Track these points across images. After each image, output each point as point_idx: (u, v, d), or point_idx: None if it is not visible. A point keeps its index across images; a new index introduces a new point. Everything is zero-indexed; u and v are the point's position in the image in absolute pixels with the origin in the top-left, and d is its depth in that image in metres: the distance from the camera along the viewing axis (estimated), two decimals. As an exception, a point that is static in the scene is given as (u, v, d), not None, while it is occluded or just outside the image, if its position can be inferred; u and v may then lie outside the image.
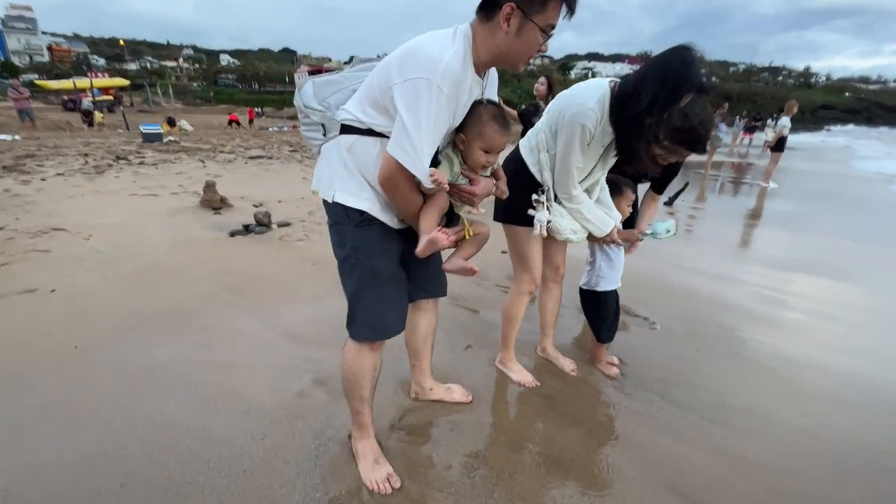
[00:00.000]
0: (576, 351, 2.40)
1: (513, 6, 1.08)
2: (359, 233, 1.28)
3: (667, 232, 1.90)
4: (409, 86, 1.07)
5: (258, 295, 2.82)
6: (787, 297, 3.29)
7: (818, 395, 2.12)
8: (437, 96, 1.07)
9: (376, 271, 1.31)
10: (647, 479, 1.57)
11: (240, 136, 13.47)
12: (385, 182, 1.19)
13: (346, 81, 1.32)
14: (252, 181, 6.38)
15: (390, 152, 1.13)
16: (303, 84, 1.33)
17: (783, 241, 5.01)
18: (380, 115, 1.18)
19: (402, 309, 1.42)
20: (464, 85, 1.15)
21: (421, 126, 1.08)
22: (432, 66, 1.06)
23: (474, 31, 1.15)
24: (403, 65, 1.10)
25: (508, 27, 1.10)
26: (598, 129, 1.57)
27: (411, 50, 1.12)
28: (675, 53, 1.42)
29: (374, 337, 1.38)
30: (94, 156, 7.54)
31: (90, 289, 2.79)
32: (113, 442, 1.60)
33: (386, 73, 1.13)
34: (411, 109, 1.08)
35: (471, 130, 1.27)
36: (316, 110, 1.30)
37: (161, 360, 2.09)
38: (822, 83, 74.69)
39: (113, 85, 30.13)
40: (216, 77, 60.55)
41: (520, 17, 1.09)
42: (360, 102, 1.21)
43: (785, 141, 9.07)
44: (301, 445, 1.63)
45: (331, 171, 1.28)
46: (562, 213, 1.79)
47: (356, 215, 1.26)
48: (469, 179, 1.33)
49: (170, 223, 4.22)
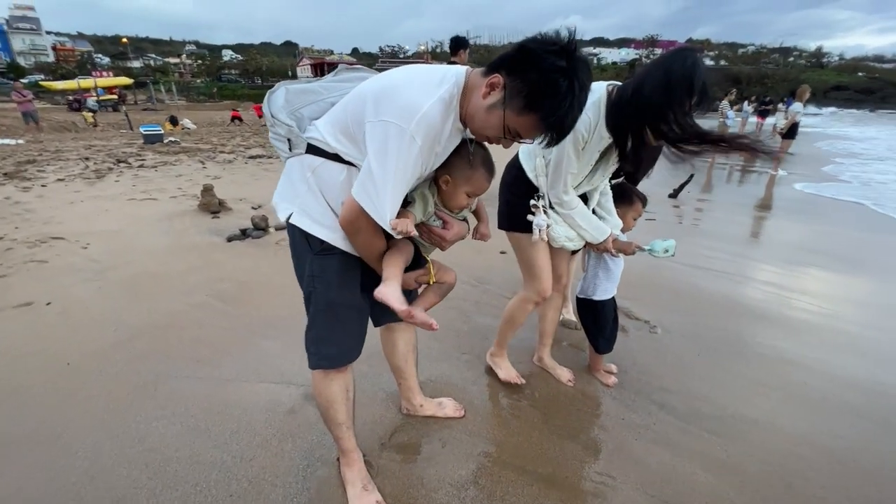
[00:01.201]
0: (573, 357, 2.34)
1: (502, 83, 1.00)
2: (318, 261, 1.23)
3: (665, 252, 1.85)
4: (380, 128, 1.00)
5: (252, 304, 2.80)
6: (795, 295, 3.20)
7: (825, 403, 2.06)
8: (409, 146, 1.00)
9: (332, 302, 1.26)
10: (645, 497, 1.53)
11: (241, 134, 13.44)
12: (347, 225, 1.13)
13: (324, 93, 1.24)
14: (252, 182, 6.36)
15: (355, 196, 1.06)
16: (275, 89, 1.24)
17: (793, 233, 4.89)
18: (350, 144, 1.11)
19: (358, 336, 1.35)
20: (441, 135, 1.07)
21: (388, 174, 1.01)
22: (408, 114, 0.99)
23: (469, 81, 1.07)
24: (380, 103, 1.02)
25: (487, 96, 1.03)
26: (593, 135, 1.51)
27: (390, 90, 1.04)
28: (678, 56, 1.34)
29: (328, 365, 1.34)
30: (95, 159, 7.57)
31: (85, 301, 2.78)
32: (100, 466, 1.59)
33: (361, 105, 1.06)
34: (380, 155, 1.01)
35: (459, 173, 1.21)
36: (283, 123, 1.19)
37: (152, 376, 2.08)
38: (835, 63, 72.79)
39: (117, 84, 30.28)
40: (219, 73, 60.54)
41: (499, 98, 1.02)
42: (331, 125, 1.14)
43: (797, 127, 8.85)
44: (289, 467, 1.61)
45: (292, 190, 1.21)
46: (557, 220, 1.75)
47: (317, 243, 1.20)
48: (443, 221, 1.28)
49: (167, 228, 4.21)
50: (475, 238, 1.43)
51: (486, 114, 1.04)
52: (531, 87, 0.98)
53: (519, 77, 0.99)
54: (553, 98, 0.97)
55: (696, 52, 1.36)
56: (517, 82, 0.99)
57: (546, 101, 0.98)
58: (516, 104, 1.00)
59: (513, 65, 1.00)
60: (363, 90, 1.09)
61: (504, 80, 1.00)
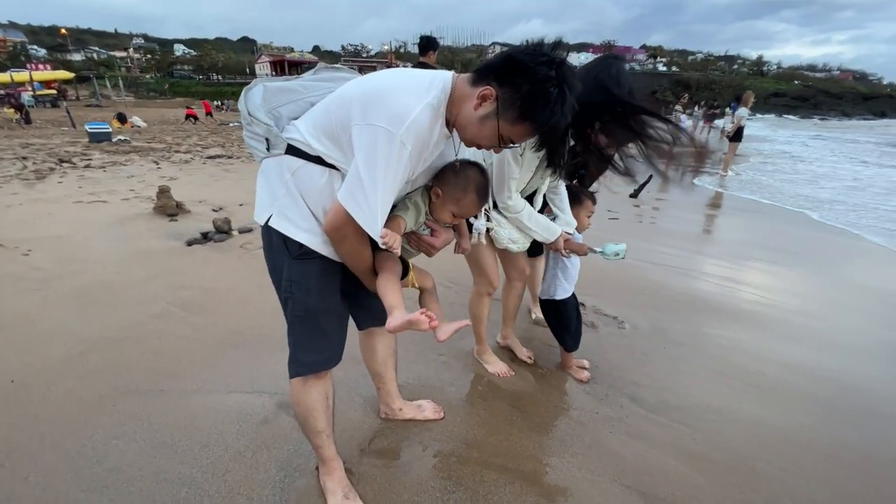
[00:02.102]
0: (547, 354, 2.39)
1: (494, 94, 1.02)
2: (296, 266, 1.19)
3: (615, 255, 1.94)
4: (369, 132, 0.99)
5: (217, 311, 2.68)
6: (748, 289, 3.41)
7: (782, 390, 2.19)
8: (399, 151, 0.99)
9: (310, 308, 1.23)
10: (621, 488, 1.58)
11: (197, 133, 12.85)
12: (333, 232, 1.10)
13: (304, 92, 1.20)
14: (211, 183, 6.09)
15: (342, 202, 1.03)
16: (252, 86, 1.19)
17: (742, 230, 5.20)
18: (334, 147, 1.08)
19: (339, 342, 1.33)
20: (430, 141, 1.07)
21: (377, 180, 0.99)
22: (398, 119, 0.98)
23: (455, 88, 1.07)
24: (367, 107, 1.00)
25: (479, 107, 1.04)
26: (529, 141, 1.54)
27: (379, 94, 1.02)
28: (604, 63, 1.45)
29: (306, 372, 1.30)
30: (35, 159, 7.02)
31: (28, 313, 2.57)
32: (55, 491, 1.47)
33: (346, 109, 1.03)
34: (369, 160, 0.99)
35: (450, 192, 1.23)
36: (261, 122, 1.15)
37: (108, 391, 1.94)
38: (774, 71, 78.21)
39: (56, 78, 28.23)
40: (171, 68, 57.58)
41: (492, 108, 1.03)
42: (313, 128, 1.10)
43: (742, 131, 9.42)
44: (265, 480, 1.54)
45: (270, 193, 1.17)
46: (500, 223, 1.83)
47: (295, 247, 1.16)
48: (431, 230, 1.30)
49: (120, 233, 3.96)
50: (456, 252, 1.47)
51: (480, 124, 1.06)
52: (524, 98, 1.00)
53: (510, 87, 1.01)
54: (545, 107, 1.00)
55: (620, 59, 1.47)
56: (509, 93, 1.01)
57: (539, 111, 1.01)
58: (510, 115, 1.02)
59: (502, 75, 1.01)
60: (348, 93, 1.07)
61: (496, 91, 1.01)
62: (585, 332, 2.61)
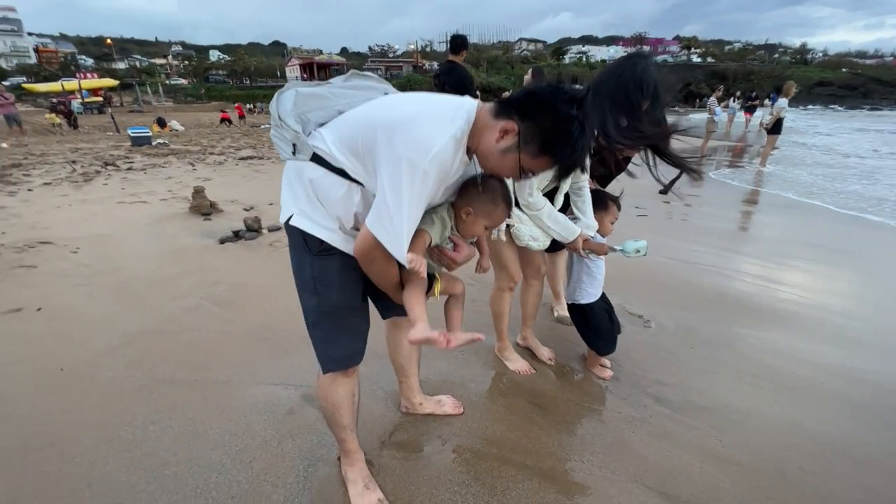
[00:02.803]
0: (565, 352, 2.37)
1: (516, 128, 1.05)
2: (318, 262, 1.23)
3: (636, 252, 1.90)
4: (394, 161, 1.02)
5: (247, 306, 2.78)
6: (783, 288, 3.26)
7: (816, 392, 2.10)
8: (423, 180, 1.03)
9: (335, 304, 1.26)
10: (642, 489, 1.55)
11: (230, 135, 13.32)
12: (362, 256, 1.15)
13: (333, 99, 1.22)
14: (243, 184, 6.31)
15: (370, 228, 1.08)
16: (285, 90, 1.22)
17: (780, 227, 4.97)
18: (357, 164, 1.12)
19: (362, 336, 1.37)
20: (451, 169, 1.12)
21: (402, 207, 1.04)
22: (423, 150, 1.01)
23: (478, 118, 1.10)
24: (394, 134, 1.03)
25: (501, 140, 1.07)
26: None
27: (405, 122, 1.05)
28: (630, 62, 1.43)
29: (338, 367, 1.34)
30: (82, 162, 7.45)
31: (76, 306, 2.75)
32: (97, 472, 1.57)
33: (372, 133, 1.07)
34: (395, 187, 1.03)
35: (480, 207, 1.26)
36: (290, 128, 1.17)
37: (147, 380, 2.06)
38: (819, 59, 73.96)
39: (102, 85, 29.78)
40: (207, 73, 59.86)
41: (513, 142, 1.06)
42: (339, 141, 1.13)
43: (782, 122, 8.98)
44: (290, 468, 1.61)
45: (292, 194, 1.21)
46: (521, 219, 1.83)
47: (316, 243, 1.20)
48: (454, 244, 1.33)
49: (158, 231, 4.17)
50: (477, 271, 1.51)
51: (501, 157, 1.10)
52: (546, 134, 1.04)
53: (532, 122, 1.04)
54: (567, 143, 1.05)
55: (646, 57, 1.45)
56: (531, 128, 1.04)
57: (560, 147, 1.05)
58: (531, 149, 1.06)
59: (525, 110, 1.05)
60: (374, 117, 1.10)
61: (518, 125, 1.05)
62: (609, 330, 2.58)
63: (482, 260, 1.49)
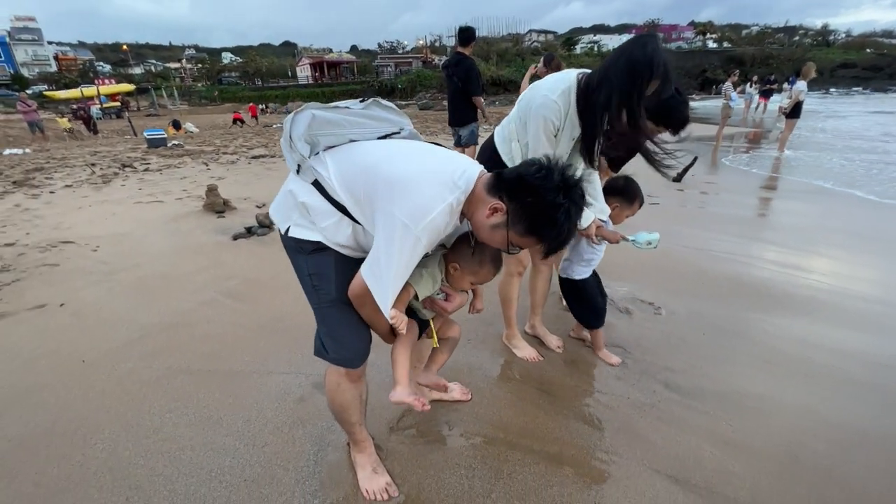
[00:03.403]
0: (574, 348, 2.36)
1: (504, 209, 1.10)
2: (313, 259, 1.24)
3: (648, 244, 1.90)
4: (390, 221, 1.07)
5: (259, 300, 2.84)
6: (801, 273, 3.19)
7: (833, 378, 2.05)
8: (414, 245, 1.09)
9: (334, 298, 1.26)
10: (650, 472, 1.55)
11: (243, 135, 13.52)
12: (355, 298, 1.21)
13: (348, 127, 1.20)
14: (255, 181, 6.41)
15: (363, 276, 1.14)
16: (302, 111, 1.16)
17: (798, 213, 4.84)
18: (356, 207, 1.15)
19: (364, 337, 1.34)
20: (444, 233, 1.17)
21: (392, 265, 1.10)
22: (418, 216, 1.06)
23: (476, 189, 1.15)
24: (393, 193, 1.08)
25: (490, 217, 1.12)
26: (564, 122, 1.59)
27: (405, 184, 1.09)
28: (638, 42, 1.42)
29: (346, 364, 1.34)
30: (101, 165, 7.65)
31: (97, 302, 2.84)
32: (118, 457, 1.64)
33: (373, 187, 1.11)
34: (388, 246, 1.09)
35: (467, 265, 1.32)
36: (298, 152, 1.17)
37: (164, 371, 2.12)
38: (842, 40, 71.33)
39: (119, 91, 30.51)
40: (220, 76, 60.70)
41: (502, 220, 1.11)
42: (341, 179, 1.15)
43: (801, 106, 8.71)
44: (300, 452, 1.64)
45: (287, 206, 1.24)
46: None
47: (309, 245, 1.23)
48: (446, 295, 1.39)
49: (174, 229, 4.27)
50: (470, 312, 1.56)
51: (491, 231, 1.15)
52: (532, 218, 1.09)
53: (520, 204, 1.09)
54: (552, 228, 1.09)
55: (655, 37, 1.44)
56: (518, 209, 1.09)
57: (547, 230, 1.10)
58: (518, 228, 1.11)
59: (513, 192, 1.09)
60: (378, 171, 1.12)
61: (506, 205, 1.10)
62: (619, 318, 2.57)
63: (476, 301, 1.55)
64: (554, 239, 1.12)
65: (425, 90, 37.88)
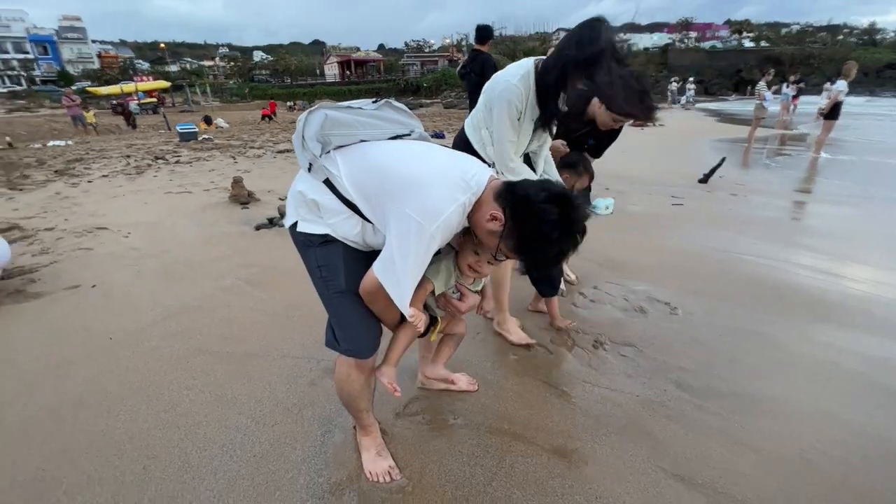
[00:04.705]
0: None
1: (501, 221, 1.13)
2: (321, 251, 1.27)
3: (605, 208, 1.95)
4: (404, 220, 1.10)
5: (277, 287, 2.92)
6: (829, 278, 3.06)
7: (856, 383, 1.97)
8: (428, 243, 1.11)
9: (343, 288, 1.28)
10: (655, 469, 1.53)
11: (270, 131, 13.84)
12: (366, 295, 1.23)
13: (359, 128, 1.23)
14: (280, 175, 6.56)
15: (377, 275, 1.16)
16: (315, 110, 1.20)
17: (832, 218, 4.64)
18: (366, 206, 1.18)
19: (373, 329, 1.35)
20: (455, 230, 1.20)
21: (408, 263, 1.12)
22: (432, 216, 1.09)
23: (485, 192, 1.18)
24: (407, 194, 1.11)
25: (489, 223, 1.15)
26: (526, 105, 1.66)
27: (418, 185, 1.12)
28: (585, 24, 1.49)
29: (356, 355, 1.36)
30: (136, 157, 7.99)
31: (126, 284, 2.98)
32: (138, 428, 1.72)
33: (386, 187, 1.14)
34: (402, 243, 1.11)
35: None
36: (310, 151, 1.19)
37: (184, 351, 2.22)
38: (890, 39, 67.60)
39: (156, 87, 31.59)
40: (251, 74, 62.27)
41: (497, 230, 1.14)
42: (352, 179, 1.18)
43: (839, 107, 8.31)
44: (308, 432, 1.69)
45: (296, 203, 1.28)
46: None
47: (318, 238, 1.25)
48: (461, 294, 1.40)
49: (200, 219, 4.43)
50: (478, 313, 1.57)
51: (486, 236, 1.19)
52: (523, 236, 1.12)
53: (515, 220, 1.12)
54: (541, 249, 1.13)
55: (602, 21, 1.50)
56: (512, 225, 1.12)
57: (535, 252, 1.15)
58: (510, 243, 1.15)
59: (515, 209, 1.12)
60: (390, 171, 1.15)
61: (504, 218, 1.12)
62: (632, 316, 2.54)
63: (484, 302, 1.54)
64: (538, 260, 1.18)
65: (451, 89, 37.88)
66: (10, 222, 4.27)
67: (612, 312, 2.57)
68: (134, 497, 1.44)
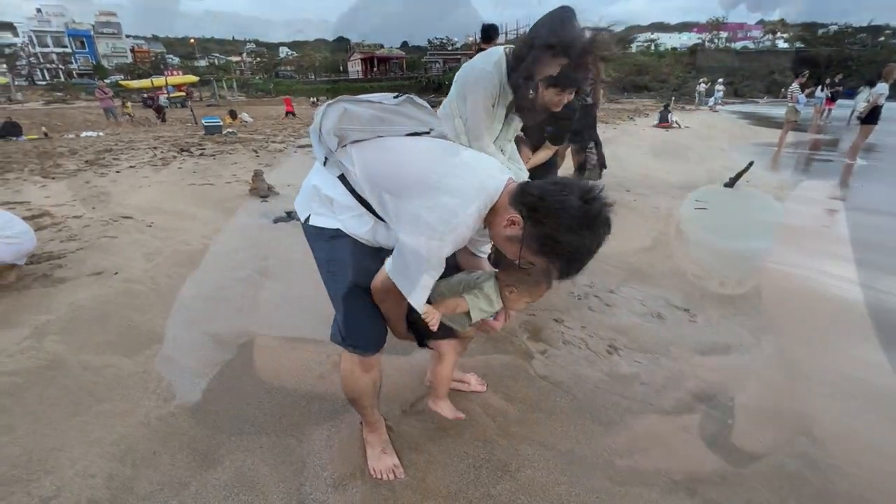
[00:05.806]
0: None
1: (521, 225, 1.08)
2: (331, 245, 1.26)
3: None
4: (416, 221, 1.09)
5: (291, 279, 2.95)
6: (862, 289, 2.92)
7: (886, 400, 1.87)
8: (439, 247, 1.10)
9: (351, 282, 1.26)
10: (666, 482, 1.48)
11: (292, 126, 14.03)
12: (377, 293, 1.23)
13: (377, 123, 1.21)
14: (300, 169, 6.62)
15: (390, 275, 1.15)
16: (334, 103, 1.20)
17: (866, 227, 4.43)
18: (379, 205, 1.17)
19: (379, 324, 1.34)
20: (467, 238, 1.16)
21: (420, 266, 1.10)
22: (444, 220, 1.07)
23: (501, 197, 1.13)
24: (420, 197, 1.10)
25: (506, 229, 1.11)
26: (499, 92, 1.64)
27: (434, 185, 1.10)
28: (555, 12, 1.48)
29: (361, 352, 1.35)
30: (162, 149, 8.19)
31: (147, 272, 3.05)
32: (153, 415, 1.75)
33: (399, 183, 1.13)
34: (414, 246, 1.10)
35: (524, 287, 1.27)
36: (327, 145, 1.19)
37: (200, 340, 2.25)
38: (938, 40, 64.20)
39: (185, 82, 32.45)
40: (276, 69, 63.31)
41: (517, 234, 1.09)
42: (366, 173, 1.17)
43: (879, 111, 7.93)
44: (315, 426, 1.70)
45: (308, 197, 1.28)
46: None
47: (329, 232, 1.25)
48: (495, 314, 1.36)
49: (221, 211, 4.51)
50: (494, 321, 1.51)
51: (505, 242, 1.14)
52: (545, 233, 1.05)
53: (535, 224, 1.06)
54: (567, 244, 1.05)
55: (569, 9, 1.48)
56: (533, 229, 1.06)
57: (560, 248, 1.07)
58: (532, 247, 1.09)
59: (532, 210, 1.06)
60: (405, 171, 1.15)
61: (522, 222, 1.07)
62: (649, 322, 2.47)
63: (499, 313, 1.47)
64: (567, 263, 1.09)
65: (472, 87, 37.65)
66: (42, 209, 4.42)
67: (629, 317, 2.51)
68: (144, 481, 1.46)
